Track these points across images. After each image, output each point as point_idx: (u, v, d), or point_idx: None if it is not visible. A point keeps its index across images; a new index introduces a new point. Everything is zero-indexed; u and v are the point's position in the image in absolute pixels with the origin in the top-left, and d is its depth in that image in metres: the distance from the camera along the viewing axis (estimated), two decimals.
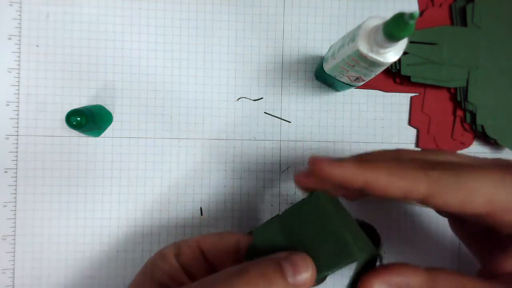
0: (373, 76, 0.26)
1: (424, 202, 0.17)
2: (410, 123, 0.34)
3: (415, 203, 0.25)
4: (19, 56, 0.32)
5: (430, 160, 0.18)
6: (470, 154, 0.22)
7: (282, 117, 0.33)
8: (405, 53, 0.27)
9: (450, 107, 0.34)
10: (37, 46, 0.32)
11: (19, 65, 0.32)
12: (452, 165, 0.17)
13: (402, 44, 0.22)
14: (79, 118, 0.27)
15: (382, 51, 0.22)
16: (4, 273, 0.31)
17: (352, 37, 0.23)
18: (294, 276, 0.17)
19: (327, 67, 0.29)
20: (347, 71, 0.26)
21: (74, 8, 0.32)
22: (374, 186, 0.17)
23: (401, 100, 0.34)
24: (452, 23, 0.34)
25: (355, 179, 0.17)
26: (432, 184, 0.16)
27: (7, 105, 0.32)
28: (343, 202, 0.22)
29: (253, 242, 0.20)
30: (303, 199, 0.21)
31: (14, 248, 0.32)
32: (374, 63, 0.23)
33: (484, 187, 0.16)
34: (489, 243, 0.20)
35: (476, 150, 0.34)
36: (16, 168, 0.32)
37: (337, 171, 0.17)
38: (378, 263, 0.19)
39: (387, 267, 0.17)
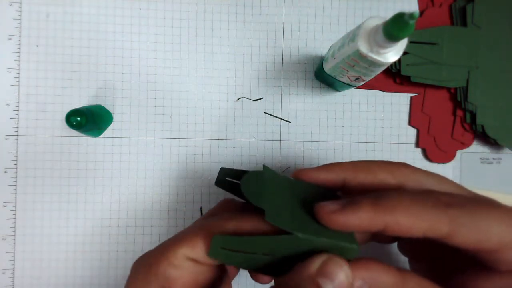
0: (373, 76, 0.26)
1: (442, 240, 0.16)
2: (410, 123, 0.34)
3: None
4: (19, 56, 0.32)
5: (440, 193, 0.17)
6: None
7: (282, 117, 0.33)
8: (405, 53, 0.27)
9: (450, 107, 0.34)
10: (37, 46, 0.32)
11: (19, 65, 0.32)
12: (465, 201, 0.17)
13: (402, 44, 0.22)
14: (79, 118, 0.27)
15: (382, 51, 0.22)
16: (4, 273, 0.31)
17: (352, 37, 0.23)
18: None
19: (327, 67, 0.29)
20: (347, 71, 0.26)
21: (74, 8, 0.32)
22: (395, 229, 0.16)
23: (401, 100, 0.34)
24: (452, 23, 0.34)
25: (374, 225, 0.16)
26: (452, 224, 0.16)
27: (7, 105, 0.32)
28: None
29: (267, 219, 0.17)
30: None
31: (14, 248, 0.32)
32: (374, 63, 0.23)
33: (497, 226, 0.16)
34: (455, 266, 0.20)
35: (476, 150, 0.34)
36: (16, 168, 0.32)
37: (354, 220, 0.16)
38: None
39: (357, 261, 0.16)
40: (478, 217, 0.16)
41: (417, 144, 0.34)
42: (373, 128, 0.34)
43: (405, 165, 0.20)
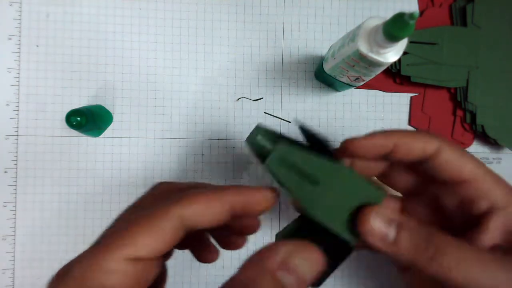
0: (373, 76, 0.26)
1: (429, 160, 0.20)
2: (410, 123, 0.34)
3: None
4: (19, 56, 0.32)
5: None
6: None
7: (282, 117, 0.33)
8: (405, 53, 0.27)
9: (450, 107, 0.34)
10: (37, 46, 0.32)
11: (19, 65, 0.32)
12: (452, 143, 0.21)
13: (402, 44, 0.22)
14: (79, 118, 0.27)
15: (382, 51, 0.22)
16: (4, 273, 0.31)
17: (352, 37, 0.23)
18: (295, 282, 0.15)
19: (327, 67, 0.29)
20: (347, 71, 0.26)
21: (74, 8, 0.32)
22: (401, 147, 0.20)
23: (401, 100, 0.34)
24: (452, 23, 0.34)
25: (387, 143, 0.20)
26: (441, 143, 0.20)
27: (7, 105, 0.32)
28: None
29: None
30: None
31: (14, 248, 0.32)
32: (374, 63, 0.23)
33: (470, 163, 0.20)
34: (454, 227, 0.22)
35: (476, 150, 0.34)
36: (16, 168, 0.32)
37: (372, 141, 0.19)
38: None
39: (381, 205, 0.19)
40: (459, 153, 0.20)
41: None
42: (373, 128, 0.34)
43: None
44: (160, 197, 0.20)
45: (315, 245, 0.16)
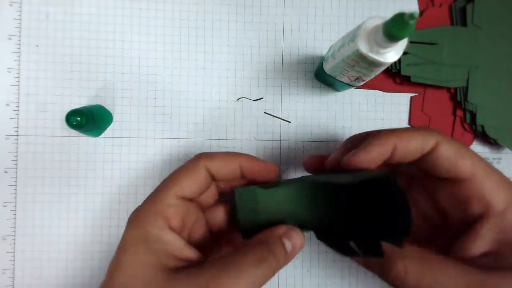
0: (373, 76, 0.26)
1: (429, 155, 0.21)
2: (410, 123, 0.34)
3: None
4: (19, 56, 0.32)
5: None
6: None
7: (282, 117, 0.33)
8: (405, 53, 0.27)
9: (450, 107, 0.34)
10: (37, 46, 0.32)
11: (19, 65, 0.32)
12: (451, 139, 0.22)
13: (402, 44, 0.22)
14: (79, 118, 0.27)
15: (382, 51, 0.22)
16: (4, 273, 0.31)
17: (352, 37, 0.23)
18: (291, 248, 0.22)
19: (327, 67, 0.29)
20: (347, 71, 0.26)
21: (74, 8, 0.32)
22: (398, 151, 0.21)
23: (401, 100, 0.34)
24: (452, 23, 0.34)
25: (385, 152, 0.21)
26: (439, 138, 0.21)
27: (7, 105, 0.32)
28: None
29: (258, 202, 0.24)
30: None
31: (14, 248, 0.32)
32: (374, 63, 0.23)
33: (469, 160, 0.21)
34: (448, 231, 0.23)
35: (476, 150, 0.34)
36: (16, 168, 0.32)
37: (371, 155, 0.21)
38: None
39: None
40: (457, 150, 0.20)
41: None
42: (373, 128, 0.34)
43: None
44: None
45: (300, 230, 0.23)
